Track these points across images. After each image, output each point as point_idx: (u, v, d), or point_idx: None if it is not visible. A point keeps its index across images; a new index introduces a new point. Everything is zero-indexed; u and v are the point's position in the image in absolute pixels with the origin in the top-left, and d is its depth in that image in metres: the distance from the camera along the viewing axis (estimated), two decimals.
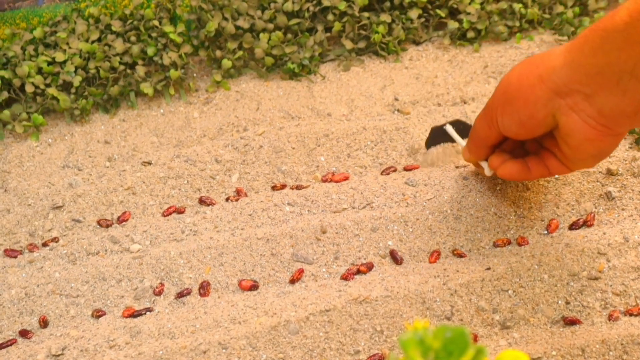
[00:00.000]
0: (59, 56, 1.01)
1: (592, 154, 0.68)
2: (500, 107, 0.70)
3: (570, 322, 0.72)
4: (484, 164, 0.79)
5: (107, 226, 0.86)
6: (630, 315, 0.73)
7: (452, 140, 0.86)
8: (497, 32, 1.07)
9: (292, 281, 0.78)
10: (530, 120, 0.68)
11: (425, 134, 0.92)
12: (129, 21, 1.05)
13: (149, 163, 0.93)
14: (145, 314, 0.77)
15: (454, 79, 1.02)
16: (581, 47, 0.63)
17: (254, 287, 0.78)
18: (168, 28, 1.03)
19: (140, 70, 1.01)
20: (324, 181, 0.88)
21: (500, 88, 0.70)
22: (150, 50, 1.02)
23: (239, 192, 0.88)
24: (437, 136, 0.88)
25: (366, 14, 1.06)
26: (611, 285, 0.74)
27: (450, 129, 0.85)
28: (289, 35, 1.05)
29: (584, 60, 0.62)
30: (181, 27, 1.04)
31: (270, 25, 1.05)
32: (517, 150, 0.77)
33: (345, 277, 0.78)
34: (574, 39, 0.65)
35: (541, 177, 0.76)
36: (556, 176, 0.84)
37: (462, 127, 0.84)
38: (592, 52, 0.62)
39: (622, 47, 0.60)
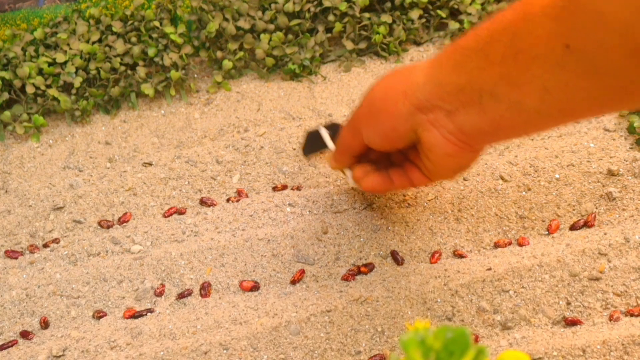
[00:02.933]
0: (60, 57, 1.01)
1: (452, 168, 0.69)
2: (365, 119, 0.71)
3: (571, 322, 0.72)
4: (348, 173, 0.79)
5: (108, 227, 0.86)
6: (631, 315, 0.72)
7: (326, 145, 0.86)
8: None
9: (293, 282, 0.78)
10: (392, 134, 0.69)
11: None
12: (130, 22, 1.05)
13: (150, 164, 0.93)
14: (146, 314, 0.77)
15: None
16: (443, 64, 0.64)
17: (255, 287, 0.78)
18: (169, 29, 1.03)
19: (141, 71, 1.01)
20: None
21: (365, 100, 0.71)
22: (151, 51, 1.02)
23: (239, 193, 0.88)
24: (313, 140, 0.87)
25: (367, 15, 1.06)
26: (612, 286, 0.74)
27: (324, 133, 0.85)
28: (290, 36, 1.05)
29: (446, 77, 0.63)
30: (182, 28, 1.04)
31: (271, 26, 1.05)
32: (382, 161, 0.77)
33: (346, 278, 0.78)
34: (436, 54, 0.66)
35: (403, 188, 0.77)
36: (556, 176, 0.84)
37: (338, 130, 0.83)
38: (454, 69, 0.62)
39: (483, 67, 0.60)
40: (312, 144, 0.87)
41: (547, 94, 0.57)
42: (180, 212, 0.87)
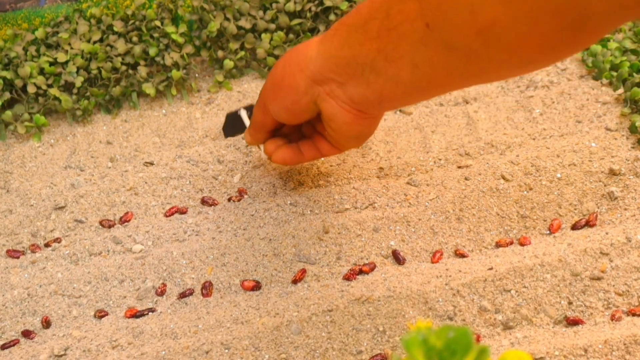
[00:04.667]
0: (61, 57, 1.01)
1: (353, 135, 0.74)
2: (270, 95, 0.76)
3: (573, 322, 0.72)
4: (261, 147, 0.83)
5: (110, 227, 0.86)
6: (633, 315, 0.72)
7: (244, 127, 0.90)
8: None
9: (295, 281, 0.78)
10: (294, 106, 0.73)
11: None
12: (131, 22, 1.05)
13: (151, 163, 0.93)
14: (147, 314, 0.77)
15: None
16: (331, 39, 0.68)
17: (256, 287, 0.78)
18: (170, 28, 1.03)
19: (142, 70, 1.01)
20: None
21: (269, 77, 0.76)
22: (152, 51, 1.02)
23: (241, 193, 0.88)
24: (233, 122, 0.92)
25: None
26: (614, 286, 0.74)
27: (243, 114, 0.89)
28: (291, 36, 1.05)
29: (334, 52, 0.67)
30: (183, 28, 1.04)
31: (272, 26, 1.05)
32: (294, 135, 0.83)
33: (347, 277, 0.78)
34: (327, 31, 0.71)
35: (314, 159, 0.82)
36: (558, 176, 0.84)
37: None
38: (340, 45, 0.67)
39: (363, 42, 0.64)
40: (233, 125, 0.92)
41: (416, 68, 0.62)
42: (182, 211, 0.87)
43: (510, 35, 0.56)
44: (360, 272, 0.79)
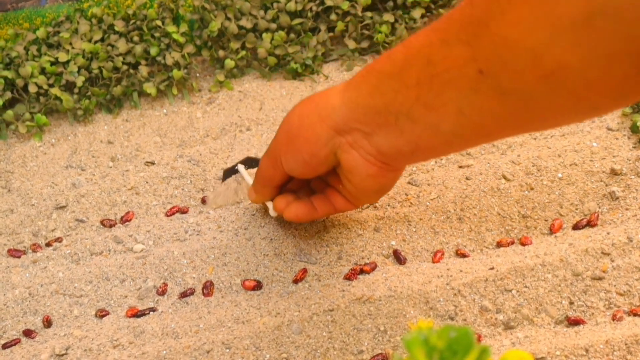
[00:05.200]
0: (62, 56, 1.01)
1: (374, 189, 0.70)
2: (284, 147, 0.71)
3: (574, 322, 0.72)
4: (270, 205, 0.78)
5: (111, 226, 0.86)
6: (634, 315, 0.72)
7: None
8: None
9: (296, 281, 0.78)
10: (312, 159, 0.69)
11: None
12: (132, 21, 1.05)
13: (152, 163, 0.93)
14: (148, 313, 0.77)
15: None
16: (358, 87, 0.64)
17: (257, 286, 0.78)
18: (171, 28, 1.03)
19: (143, 70, 1.01)
20: None
21: (282, 127, 0.71)
22: (153, 50, 1.02)
23: None
24: (231, 176, 0.88)
25: (369, 14, 1.06)
26: (615, 285, 0.74)
27: (242, 169, 0.85)
28: (292, 35, 1.05)
29: (362, 100, 0.64)
30: (184, 27, 1.04)
31: (273, 25, 1.05)
32: (303, 189, 0.78)
33: (348, 277, 0.78)
34: (351, 78, 0.67)
35: (328, 215, 0.77)
36: (559, 176, 0.84)
37: (254, 164, 0.83)
38: (369, 92, 0.63)
39: (398, 90, 0.61)
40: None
41: (462, 117, 0.58)
42: (183, 211, 0.87)
43: (580, 80, 0.52)
44: (361, 271, 0.79)
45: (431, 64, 0.58)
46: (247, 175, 0.84)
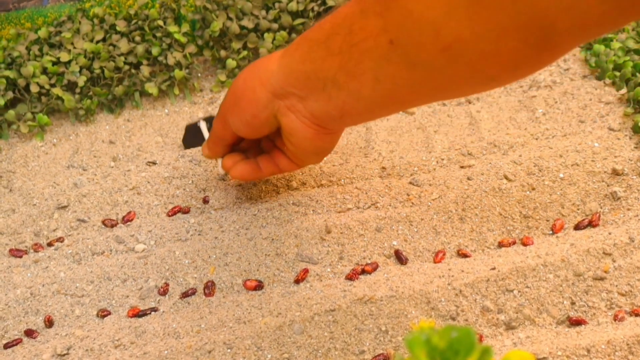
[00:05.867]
0: (64, 56, 1.01)
1: (314, 151, 0.75)
2: (230, 109, 0.76)
3: (576, 322, 0.72)
4: (219, 162, 0.83)
5: (112, 226, 0.86)
6: (636, 315, 0.72)
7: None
8: None
9: (297, 281, 0.78)
10: (254, 120, 0.73)
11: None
12: (134, 21, 1.05)
13: (154, 163, 0.93)
14: (150, 313, 0.77)
15: None
16: (293, 54, 0.68)
17: (258, 286, 0.78)
18: (172, 28, 1.03)
19: (145, 70, 1.01)
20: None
21: (230, 90, 0.76)
22: (155, 50, 1.02)
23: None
24: (192, 133, 0.92)
25: None
26: (617, 286, 0.74)
27: (203, 126, 0.89)
28: (294, 35, 1.05)
29: (295, 66, 0.68)
30: (186, 27, 1.04)
31: (275, 25, 1.05)
32: (253, 149, 0.83)
33: (350, 277, 0.78)
34: (289, 44, 0.71)
35: (272, 174, 0.81)
36: (561, 176, 0.84)
37: None
38: (302, 59, 0.67)
39: (324, 57, 0.65)
40: (192, 136, 0.92)
41: (378, 84, 0.63)
42: (184, 211, 0.87)
43: (475, 52, 0.56)
44: (363, 272, 0.78)
45: (351, 33, 0.62)
46: (206, 132, 0.88)
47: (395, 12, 0.58)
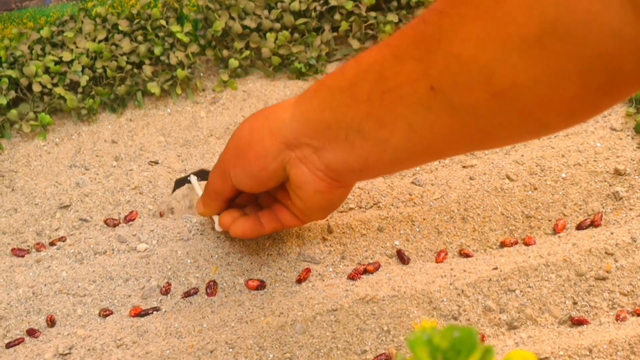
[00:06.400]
0: (66, 56, 1.01)
1: (323, 205, 0.70)
2: (233, 160, 0.71)
3: (578, 322, 0.72)
4: (215, 219, 0.78)
5: (114, 225, 0.86)
6: (638, 315, 0.72)
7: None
8: None
9: (299, 281, 0.78)
10: (261, 173, 0.68)
11: None
12: (136, 21, 1.05)
13: (156, 162, 0.93)
14: (152, 313, 0.77)
15: None
16: (310, 102, 0.64)
17: (260, 286, 0.78)
18: (175, 27, 1.03)
19: (147, 69, 1.01)
20: None
21: (232, 141, 0.71)
22: (157, 50, 1.02)
23: None
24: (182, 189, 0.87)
25: (373, 14, 1.05)
26: (619, 286, 0.74)
27: (194, 181, 0.84)
28: (296, 35, 1.05)
29: (313, 115, 0.63)
30: (188, 27, 1.04)
31: (277, 25, 1.05)
32: (251, 204, 0.77)
33: (352, 277, 0.78)
34: (302, 93, 0.66)
35: (274, 231, 0.76)
36: (563, 176, 0.84)
37: (207, 176, 0.81)
38: (321, 107, 0.63)
39: (349, 105, 0.60)
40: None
41: (412, 133, 0.58)
42: None
43: (530, 98, 0.52)
44: (365, 271, 0.79)
45: (382, 79, 0.58)
46: (198, 187, 0.83)
47: (438, 57, 0.54)
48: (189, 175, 0.86)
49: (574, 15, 0.48)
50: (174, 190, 0.88)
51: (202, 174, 0.85)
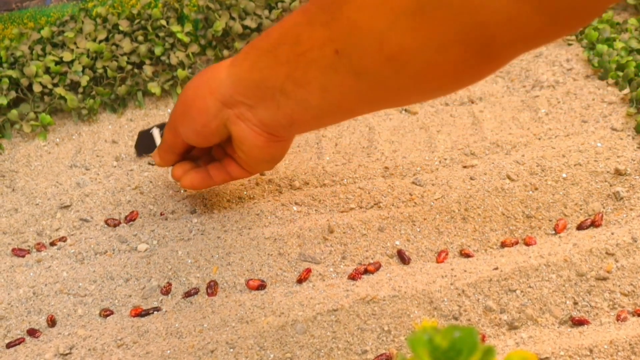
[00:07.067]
0: (67, 56, 1.01)
1: (265, 158, 0.75)
2: (180, 117, 0.75)
3: (578, 322, 0.72)
4: (170, 171, 0.82)
5: (115, 225, 0.86)
6: (639, 315, 0.72)
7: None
8: None
9: (300, 281, 0.78)
10: (204, 129, 0.73)
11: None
12: (137, 21, 1.05)
13: None
14: (152, 313, 0.77)
15: None
16: (241, 63, 0.69)
17: (261, 286, 0.78)
18: (175, 27, 1.03)
19: (148, 69, 1.01)
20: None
21: (180, 99, 0.75)
22: (158, 50, 1.02)
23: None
24: (145, 140, 0.91)
25: None
26: (619, 286, 0.74)
27: (156, 133, 0.88)
28: None
29: (244, 75, 0.68)
30: (188, 27, 1.04)
31: None
32: (204, 158, 0.82)
33: (352, 277, 0.78)
34: (238, 53, 0.71)
35: (223, 182, 0.81)
36: (564, 176, 0.84)
37: None
38: (250, 68, 0.68)
39: (272, 67, 0.65)
40: (145, 143, 0.91)
41: (325, 93, 0.64)
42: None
43: (419, 63, 0.57)
44: (365, 271, 0.78)
45: (298, 43, 0.63)
46: (159, 139, 0.88)
47: (341, 23, 0.59)
48: (151, 128, 0.90)
49: None
50: (136, 142, 0.93)
51: (163, 127, 0.88)
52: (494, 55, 0.56)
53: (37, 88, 0.99)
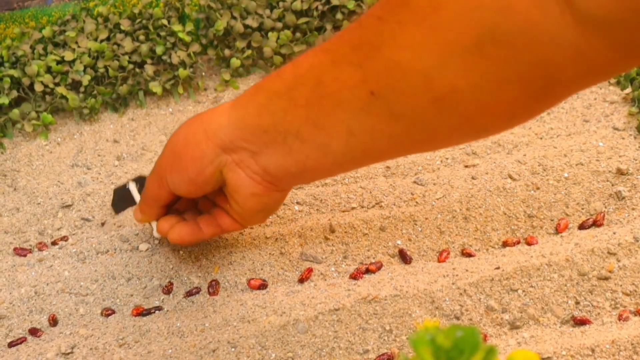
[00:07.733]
0: (68, 55, 1.01)
1: (259, 209, 0.70)
2: (169, 165, 0.70)
3: (580, 322, 0.72)
4: (154, 225, 0.77)
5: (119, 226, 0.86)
6: None
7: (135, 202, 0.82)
8: None
9: (301, 280, 0.78)
10: (198, 177, 0.68)
11: None
12: (138, 20, 1.05)
13: None
14: (154, 312, 0.77)
15: None
16: (247, 106, 0.64)
17: (262, 286, 0.78)
18: (177, 27, 1.03)
19: (149, 69, 1.01)
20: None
21: (168, 146, 0.70)
22: (159, 49, 1.02)
23: None
24: (122, 197, 0.85)
25: None
26: (621, 285, 0.74)
27: (133, 187, 0.83)
28: (298, 34, 1.05)
29: (250, 119, 0.64)
30: (190, 26, 1.04)
31: (279, 24, 1.05)
32: (191, 210, 0.77)
33: (354, 276, 0.78)
34: (238, 97, 0.66)
35: (214, 235, 0.76)
36: (565, 175, 0.84)
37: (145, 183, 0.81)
38: (257, 111, 0.63)
39: (287, 109, 0.61)
40: (122, 200, 0.85)
41: (352, 137, 0.59)
42: None
43: (470, 104, 0.54)
44: (367, 271, 0.78)
45: (321, 84, 0.58)
46: (137, 194, 0.82)
47: (378, 62, 0.55)
48: (127, 183, 0.84)
49: (513, 23, 0.49)
50: (112, 199, 0.87)
51: (140, 180, 0.83)
52: (554, 93, 0.53)
53: (38, 87, 0.99)
